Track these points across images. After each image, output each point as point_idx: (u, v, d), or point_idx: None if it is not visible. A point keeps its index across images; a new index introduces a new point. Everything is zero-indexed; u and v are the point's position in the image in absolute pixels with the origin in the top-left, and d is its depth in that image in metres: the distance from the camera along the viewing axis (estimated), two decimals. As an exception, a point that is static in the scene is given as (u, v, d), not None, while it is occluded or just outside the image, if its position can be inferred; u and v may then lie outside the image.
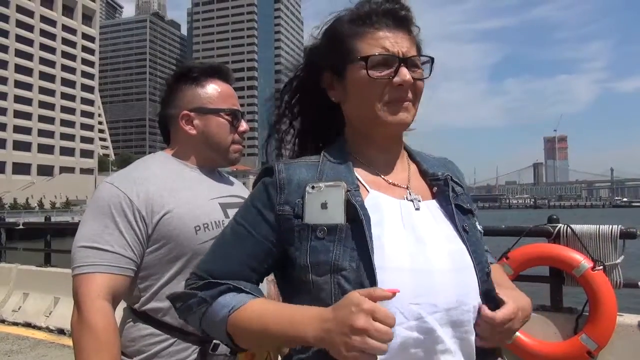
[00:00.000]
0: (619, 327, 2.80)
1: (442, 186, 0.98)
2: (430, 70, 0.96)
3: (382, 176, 0.97)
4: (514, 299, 0.90)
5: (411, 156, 1.04)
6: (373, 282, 0.82)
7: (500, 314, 0.86)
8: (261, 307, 0.86)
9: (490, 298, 0.90)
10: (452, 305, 0.85)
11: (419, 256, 0.86)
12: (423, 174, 1.01)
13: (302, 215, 0.88)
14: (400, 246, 0.86)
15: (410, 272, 0.84)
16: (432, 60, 0.96)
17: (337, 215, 0.86)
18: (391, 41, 0.92)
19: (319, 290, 0.85)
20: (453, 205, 0.95)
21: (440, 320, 0.84)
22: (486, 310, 0.86)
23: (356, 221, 0.86)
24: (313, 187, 0.89)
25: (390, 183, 0.96)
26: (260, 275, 0.94)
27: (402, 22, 0.95)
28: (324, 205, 0.87)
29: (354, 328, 0.73)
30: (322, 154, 0.97)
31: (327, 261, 0.85)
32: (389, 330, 0.73)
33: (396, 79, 0.91)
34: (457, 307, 0.86)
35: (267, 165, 0.97)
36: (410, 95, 0.93)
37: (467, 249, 0.90)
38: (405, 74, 0.91)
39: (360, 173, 0.95)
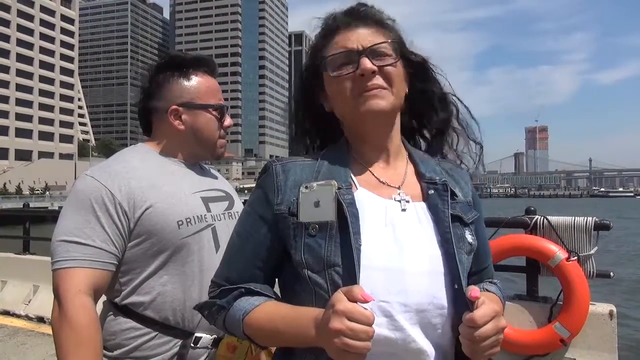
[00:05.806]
0: (591, 315, 2.88)
1: (440, 191, 0.97)
2: (396, 53, 0.97)
3: (375, 175, 0.99)
4: (492, 301, 0.88)
5: (411, 157, 1.05)
6: (354, 279, 0.83)
7: (477, 313, 0.81)
8: (270, 310, 0.91)
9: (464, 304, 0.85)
10: (423, 307, 0.86)
11: (394, 256, 0.88)
12: (419, 176, 1.01)
13: (297, 214, 0.91)
14: (376, 244, 0.88)
15: (383, 270, 0.86)
16: (397, 43, 0.99)
17: (328, 213, 0.89)
18: (350, 38, 0.97)
19: (316, 286, 0.88)
20: (448, 212, 0.94)
21: (410, 320, 0.86)
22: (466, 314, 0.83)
23: (344, 218, 0.88)
24: (307, 187, 0.92)
25: (381, 182, 0.98)
26: (270, 273, 0.98)
27: (362, 18, 1.00)
28: (317, 204, 0.90)
29: (330, 331, 0.76)
30: (320, 154, 1.01)
31: (320, 257, 0.88)
32: (365, 329, 0.75)
33: (358, 70, 0.94)
34: (429, 310, 0.87)
35: (266, 164, 1.01)
36: (381, 82, 0.95)
37: (443, 255, 0.90)
38: (365, 63, 0.94)
39: (354, 171, 0.98)
